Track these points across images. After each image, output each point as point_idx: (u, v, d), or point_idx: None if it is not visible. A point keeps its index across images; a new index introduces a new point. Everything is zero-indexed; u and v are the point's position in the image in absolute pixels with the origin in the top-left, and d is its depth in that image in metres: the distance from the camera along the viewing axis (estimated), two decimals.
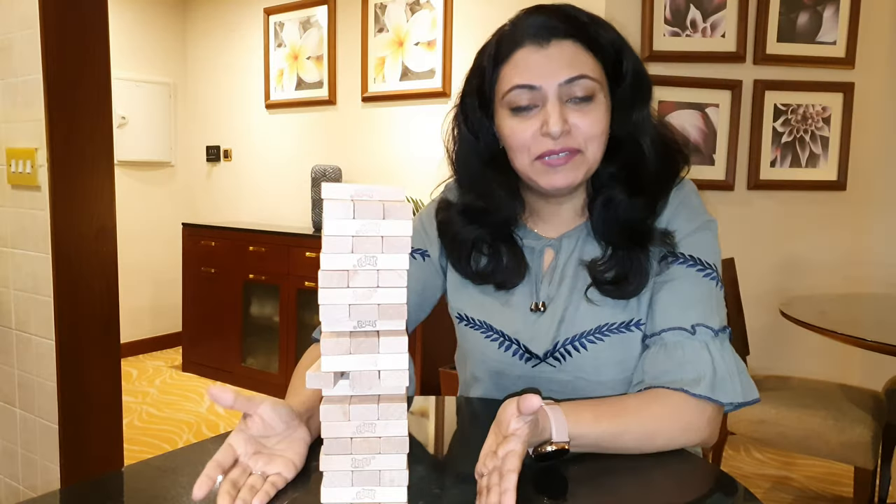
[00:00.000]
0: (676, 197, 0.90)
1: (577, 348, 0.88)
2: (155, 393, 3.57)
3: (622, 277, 0.86)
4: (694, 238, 0.88)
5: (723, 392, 0.80)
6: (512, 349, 0.92)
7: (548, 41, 0.83)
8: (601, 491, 0.73)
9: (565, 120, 0.83)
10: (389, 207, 0.54)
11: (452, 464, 0.79)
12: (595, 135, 0.84)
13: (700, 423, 0.80)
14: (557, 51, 0.83)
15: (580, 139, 0.84)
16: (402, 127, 3.47)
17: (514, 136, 0.85)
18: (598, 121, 0.84)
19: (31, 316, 1.89)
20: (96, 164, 1.87)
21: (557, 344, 0.89)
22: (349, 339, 0.55)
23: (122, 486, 0.72)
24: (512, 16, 0.89)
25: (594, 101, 0.84)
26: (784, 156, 2.82)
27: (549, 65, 0.83)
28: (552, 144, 0.83)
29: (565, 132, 0.83)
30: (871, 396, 2.09)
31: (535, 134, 0.84)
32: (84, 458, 1.89)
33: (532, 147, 0.85)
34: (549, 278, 0.92)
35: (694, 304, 0.84)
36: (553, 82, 0.82)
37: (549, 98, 0.83)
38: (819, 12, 2.76)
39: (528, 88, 0.83)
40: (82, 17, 1.81)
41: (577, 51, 0.84)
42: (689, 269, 0.86)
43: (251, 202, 4.16)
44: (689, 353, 0.82)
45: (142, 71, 4.20)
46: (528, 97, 0.84)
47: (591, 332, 0.88)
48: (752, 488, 2.46)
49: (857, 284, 2.84)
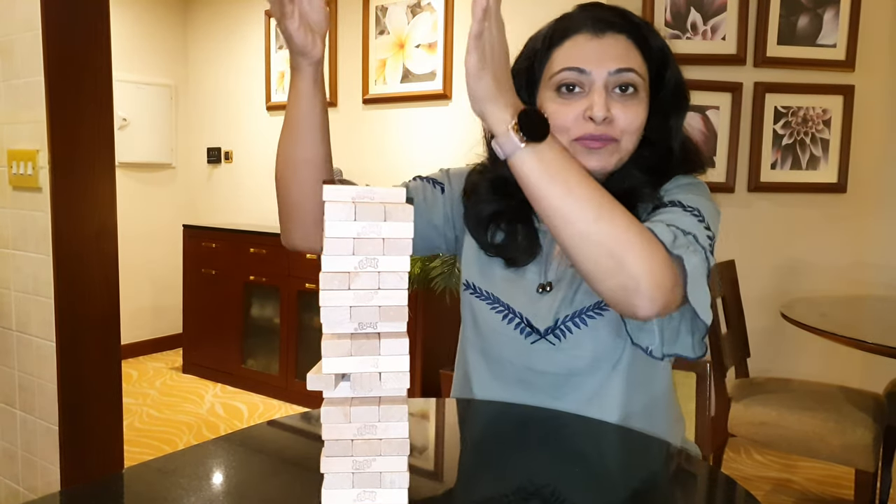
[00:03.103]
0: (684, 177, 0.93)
1: (577, 324, 0.91)
2: (155, 394, 3.57)
3: None
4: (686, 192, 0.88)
5: (686, 252, 0.77)
6: (514, 322, 0.94)
7: (603, 32, 0.87)
8: (601, 492, 0.73)
9: (608, 108, 0.85)
10: (390, 209, 0.54)
11: (453, 466, 0.79)
12: (633, 128, 0.88)
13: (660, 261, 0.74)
14: (611, 42, 0.87)
15: (618, 129, 0.87)
16: (402, 129, 3.47)
17: (557, 117, 0.87)
18: (638, 115, 0.87)
19: (32, 317, 1.89)
20: (97, 166, 1.87)
21: (558, 321, 0.91)
22: (350, 341, 0.55)
23: (122, 488, 0.72)
24: (515, 18, 0.90)
25: (637, 97, 0.88)
26: (784, 158, 2.82)
27: (602, 53, 0.86)
28: (592, 129, 0.86)
29: (607, 120, 0.86)
30: (871, 399, 2.09)
31: (578, 117, 0.86)
32: (84, 460, 1.89)
33: (573, 129, 0.87)
34: (558, 260, 0.95)
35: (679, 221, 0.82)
36: (603, 70, 0.86)
37: (596, 84, 0.86)
38: (819, 15, 2.76)
39: (578, 71, 0.86)
40: (84, 19, 1.82)
41: (629, 46, 0.88)
42: (677, 208, 0.85)
43: (252, 204, 4.17)
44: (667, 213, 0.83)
45: (143, 73, 4.20)
46: (577, 79, 0.87)
47: (590, 307, 0.90)
48: (753, 490, 2.45)
49: (858, 287, 2.84)
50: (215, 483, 0.70)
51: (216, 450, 0.78)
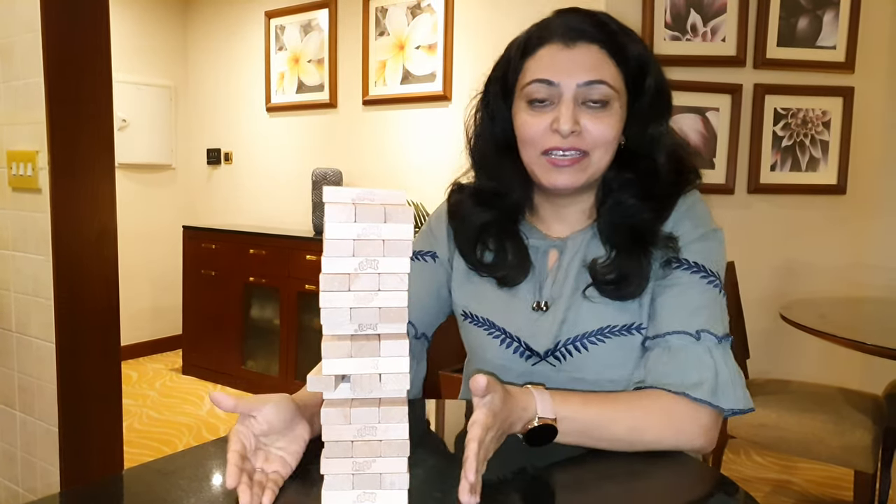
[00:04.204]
0: (683, 203, 0.91)
1: (579, 349, 0.89)
2: (155, 396, 3.57)
3: (622, 278, 0.87)
4: (700, 245, 0.89)
5: (724, 397, 0.80)
6: (513, 346, 0.93)
7: (574, 42, 0.85)
8: (600, 495, 0.73)
9: (576, 121, 0.84)
10: (390, 211, 0.54)
11: (453, 467, 0.79)
12: (603, 141, 0.86)
13: (693, 427, 0.80)
14: (582, 53, 0.85)
15: (589, 142, 0.85)
16: (402, 130, 3.47)
17: (525, 129, 0.87)
18: (610, 127, 0.86)
19: (32, 318, 1.89)
20: (97, 167, 1.87)
21: (559, 343, 0.90)
22: (350, 343, 0.55)
23: (121, 490, 0.72)
24: (515, 19, 0.90)
25: (608, 109, 0.86)
26: (784, 160, 2.82)
27: (571, 64, 0.85)
28: (560, 141, 0.85)
29: (575, 132, 0.84)
30: (871, 400, 2.09)
31: (546, 129, 0.86)
32: (84, 461, 1.89)
33: (540, 141, 0.86)
34: (552, 278, 0.93)
35: (699, 310, 0.85)
36: (572, 82, 0.84)
37: (564, 96, 0.85)
38: (819, 17, 2.77)
39: (546, 83, 0.85)
40: (84, 20, 1.82)
41: (602, 57, 0.85)
42: (693, 275, 0.87)
43: (252, 205, 4.17)
44: (692, 356, 0.82)
45: (143, 74, 4.20)
46: (546, 92, 0.85)
47: (593, 333, 0.89)
48: (753, 492, 2.45)
49: (857, 288, 2.84)
50: (215, 484, 0.70)
51: (216, 451, 0.78)
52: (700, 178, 0.94)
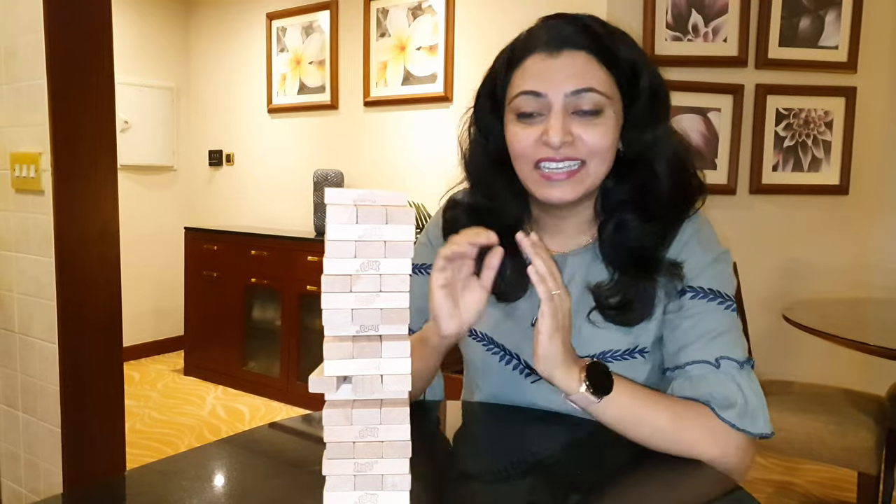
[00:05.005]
0: (689, 226, 0.88)
1: None
2: (157, 396, 3.57)
3: (627, 304, 0.85)
4: (712, 270, 0.87)
5: (752, 422, 0.79)
6: (512, 363, 0.92)
7: (559, 50, 0.82)
8: (601, 494, 0.73)
9: (568, 131, 0.82)
10: (392, 212, 0.54)
11: (455, 468, 0.79)
12: (599, 149, 0.83)
13: (728, 444, 0.79)
14: (567, 61, 0.82)
15: (583, 151, 0.83)
16: (403, 131, 3.48)
17: (515, 142, 0.85)
18: (604, 135, 0.83)
19: (35, 319, 1.89)
20: (99, 169, 1.87)
21: None
22: (352, 344, 0.55)
23: (124, 490, 0.73)
24: (516, 20, 0.88)
25: (601, 116, 0.82)
26: (786, 160, 2.82)
27: (557, 74, 0.82)
28: (552, 153, 0.82)
29: (567, 143, 0.82)
30: (874, 401, 2.09)
31: (537, 142, 0.83)
32: (86, 462, 1.89)
33: (531, 154, 0.84)
34: None
35: (718, 338, 0.83)
36: (559, 92, 0.81)
37: (553, 107, 0.82)
38: (821, 17, 2.76)
39: (534, 95, 0.82)
40: (86, 22, 1.82)
41: (589, 63, 0.82)
42: (710, 302, 0.85)
43: (253, 206, 4.17)
44: (714, 384, 0.81)
45: (145, 75, 4.21)
46: (534, 104, 0.83)
47: (595, 356, 0.87)
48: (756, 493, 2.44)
49: (860, 289, 2.84)
50: (217, 485, 0.70)
51: (218, 452, 0.78)
52: (705, 192, 0.91)
